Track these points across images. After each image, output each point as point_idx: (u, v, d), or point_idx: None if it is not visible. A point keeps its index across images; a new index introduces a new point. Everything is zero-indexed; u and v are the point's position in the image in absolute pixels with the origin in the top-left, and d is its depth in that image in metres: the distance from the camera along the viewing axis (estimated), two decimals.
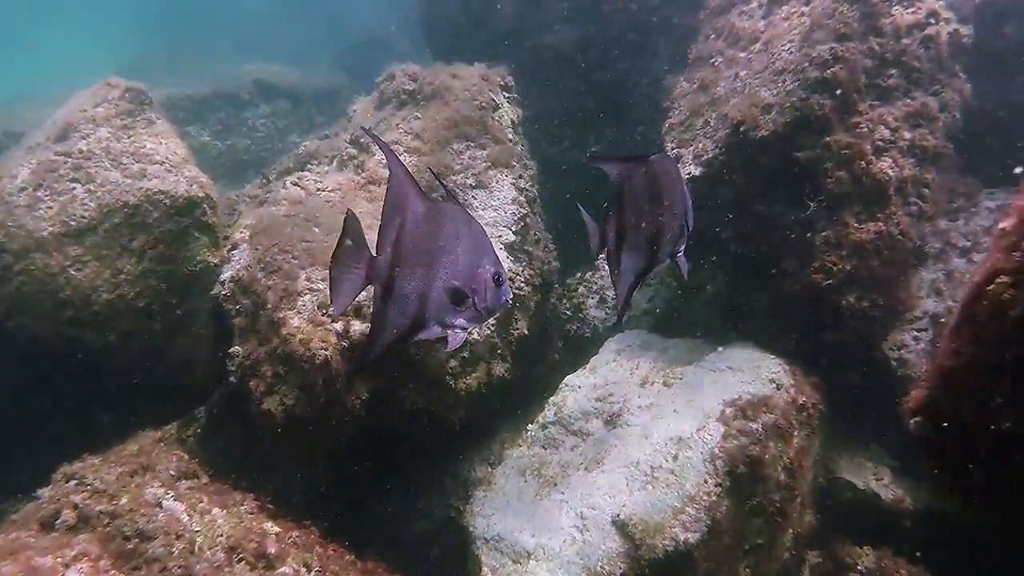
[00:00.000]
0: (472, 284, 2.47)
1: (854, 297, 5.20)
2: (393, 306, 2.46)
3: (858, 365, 5.52)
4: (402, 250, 2.43)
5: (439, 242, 2.45)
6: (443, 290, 2.45)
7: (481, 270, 2.46)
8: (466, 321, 2.51)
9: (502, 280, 2.50)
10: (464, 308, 2.46)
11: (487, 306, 2.48)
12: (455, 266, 2.44)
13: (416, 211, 2.45)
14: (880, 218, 5.15)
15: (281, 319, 4.75)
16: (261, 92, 11.12)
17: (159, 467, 4.32)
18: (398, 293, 2.45)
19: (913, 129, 5.34)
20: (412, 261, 2.43)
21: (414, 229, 2.43)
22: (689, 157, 5.69)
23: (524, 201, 6.13)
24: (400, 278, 2.44)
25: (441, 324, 2.52)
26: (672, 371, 5.45)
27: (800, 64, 5.19)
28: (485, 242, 2.52)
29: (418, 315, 2.45)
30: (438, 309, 2.45)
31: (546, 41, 8.49)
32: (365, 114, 6.83)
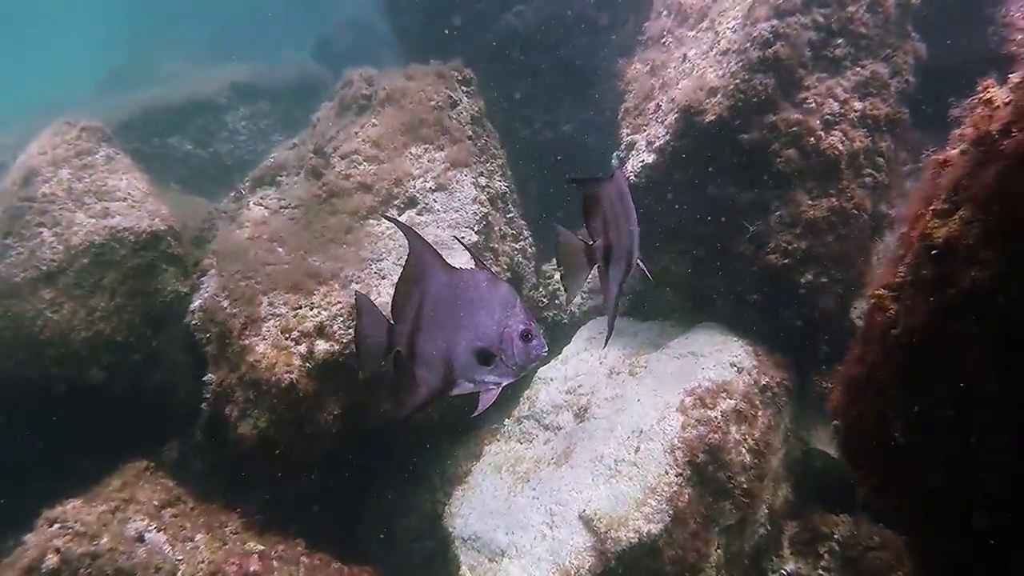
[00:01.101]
0: (499, 344, 2.52)
1: (812, 274, 5.21)
2: (421, 368, 2.56)
3: (824, 337, 5.55)
4: (423, 318, 2.53)
5: (462, 308, 2.53)
6: (468, 352, 2.52)
7: (507, 329, 2.51)
8: (498, 376, 2.57)
9: (532, 335, 2.53)
10: (493, 366, 2.53)
11: (517, 362, 2.54)
12: (478, 328, 2.50)
13: (438, 282, 2.54)
14: (833, 193, 5.13)
15: (247, 346, 4.91)
16: (239, 94, 11.15)
17: (143, 498, 4.54)
18: (421, 357, 2.55)
19: (864, 99, 5.27)
20: (434, 327, 2.52)
21: (435, 299, 2.53)
22: (643, 144, 5.68)
23: (485, 199, 6.18)
24: (422, 343, 2.54)
25: (471, 381, 2.58)
26: (638, 360, 5.54)
27: (742, 44, 5.13)
28: (511, 300, 2.56)
29: (447, 375, 2.54)
30: (465, 369, 2.52)
31: (509, 22, 8.42)
32: (327, 121, 6.88)
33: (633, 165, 5.62)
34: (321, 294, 5.12)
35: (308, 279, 5.13)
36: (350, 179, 6.10)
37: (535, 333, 2.56)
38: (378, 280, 5.61)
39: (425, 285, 2.54)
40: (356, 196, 6.04)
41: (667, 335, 5.88)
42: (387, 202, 6.06)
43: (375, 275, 5.65)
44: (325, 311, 5.06)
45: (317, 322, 5.00)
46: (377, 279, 5.62)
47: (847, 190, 5.13)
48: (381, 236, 5.94)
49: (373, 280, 5.60)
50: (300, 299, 5.06)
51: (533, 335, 2.54)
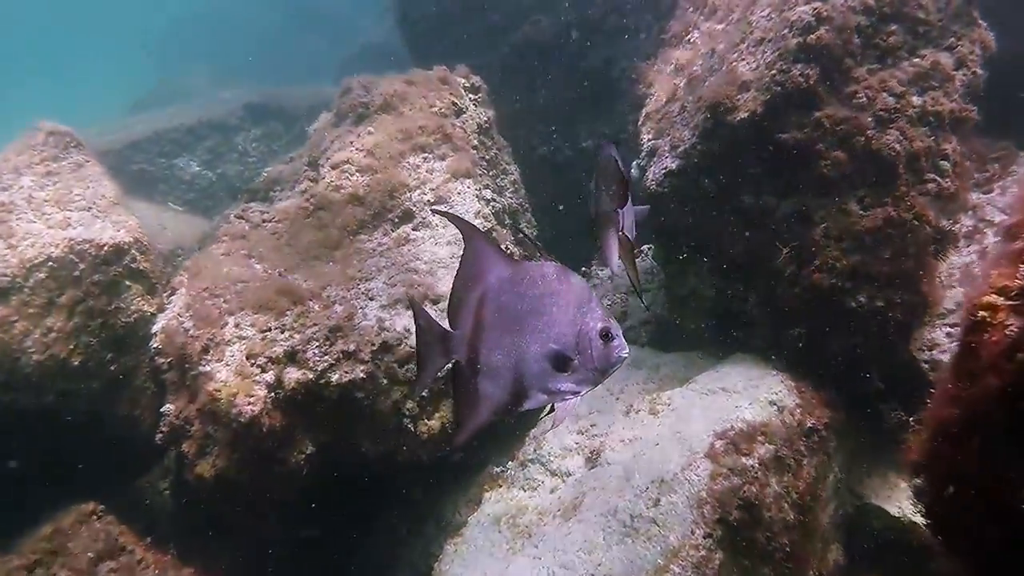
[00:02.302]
0: (576, 346, 2.23)
1: (865, 296, 4.44)
2: (485, 379, 2.28)
3: (879, 371, 4.75)
4: (485, 320, 2.27)
5: (529, 305, 2.25)
6: (541, 356, 2.23)
7: (584, 328, 2.22)
8: (575, 384, 2.28)
9: (612, 335, 2.26)
10: (570, 372, 2.24)
11: (597, 366, 2.25)
12: (551, 329, 2.23)
13: (500, 277, 2.28)
14: (889, 202, 4.37)
15: (206, 373, 4.29)
16: (252, 115, 10.79)
17: (77, 549, 3.90)
18: (484, 366, 2.27)
19: (923, 93, 4.53)
20: (498, 330, 2.26)
21: (498, 296, 2.27)
22: (666, 148, 5.00)
23: (490, 214, 5.54)
24: (486, 350, 2.27)
25: (545, 392, 2.29)
26: (660, 396, 4.78)
27: (779, 31, 4.45)
28: (587, 295, 2.28)
29: (516, 387, 2.26)
30: (539, 377, 2.25)
31: (525, 33, 7.88)
32: (322, 132, 6.34)
33: (655, 173, 4.93)
34: (295, 315, 4.49)
35: (280, 297, 4.52)
36: (340, 191, 5.51)
37: (616, 332, 2.26)
38: (365, 302, 4.98)
39: (486, 282, 2.26)
40: (346, 209, 5.45)
41: (694, 368, 5.12)
42: (380, 216, 5.46)
43: (362, 296, 5.01)
44: (298, 334, 4.43)
45: (288, 347, 4.37)
46: (364, 300, 4.99)
47: (906, 198, 4.37)
48: (372, 253, 5.32)
49: (360, 301, 4.97)
50: (270, 320, 4.44)
51: (613, 334, 2.25)
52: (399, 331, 4.78)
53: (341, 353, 4.48)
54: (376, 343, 4.62)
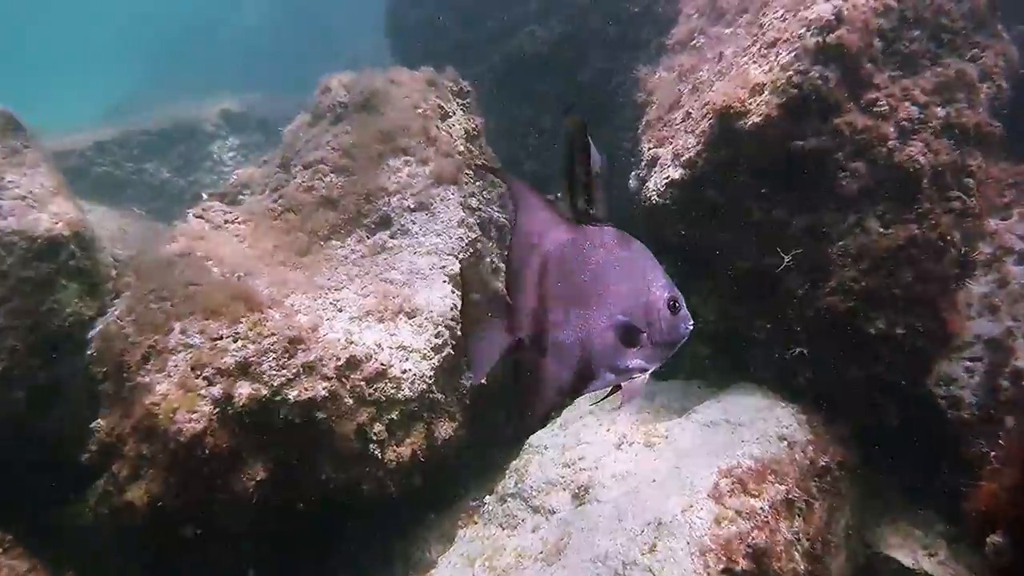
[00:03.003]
0: (644, 316, 2.04)
1: (884, 322, 4.03)
2: (552, 359, 2.06)
3: (896, 406, 4.33)
4: (549, 291, 2.06)
5: (592, 274, 2.05)
6: (608, 331, 2.03)
7: (651, 297, 2.04)
8: (644, 361, 2.08)
9: (679, 305, 2.08)
10: (638, 347, 2.05)
11: (665, 339, 2.06)
12: (617, 299, 2.04)
13: (559, 242, 2.06)
14: (912, 219, 3.99)
15: (144, 385, 3.77)
16: (229, 123, 10.35)
17: None
18: (553, 344, 2.05)
19: (947, 104, 4.18)
20: (564, 302, 2.06)
21: (560, 264, 2.06)
22: (668, 157, 4.61)
23: (474, 224, 5.10)
24: (553, 326, 2.05)
25: (613, 371, 2.08)
26: (656, 427, 4.31)
27: (796, 31, 4.10)
28: (649, 263, 2.08)
29: (583, 365, 2.05)
30: (606, 354, 2.05)
31: (519, 44, 7.54)
32: (297, 132, 5.91)
33: (656, 183, 4.53)
34: (251, 322, 4.00)
35: (235, 303, 4.03)
36: (312, 192, 5.07)
37: (682, 301, 2.07)
38: (333, 313, 4.50)
39: (545, 249, 2.05)
40: (318, 212, 5.00)
41: (692, 397, 4.67)
42: (354, 220, 5.01)
43: (330, 306, 4.54)
44: (253, 344, 3.92)
45: (241, 358, 3.86)
46: (332, 311, 4.51)
47: (930, 215, 3.99)
48: (344, 261, 4.86)
49: (327, 312, 4.49)
50: (222, 327, 3.93)
51: (680, 304, 2.06)
52: (369, 346, 4.30)
53: (301, 367, 3.98)
54: (342, 358, 4.13)
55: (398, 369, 4.31)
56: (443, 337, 4.53)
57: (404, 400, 4.32)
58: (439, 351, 4.51)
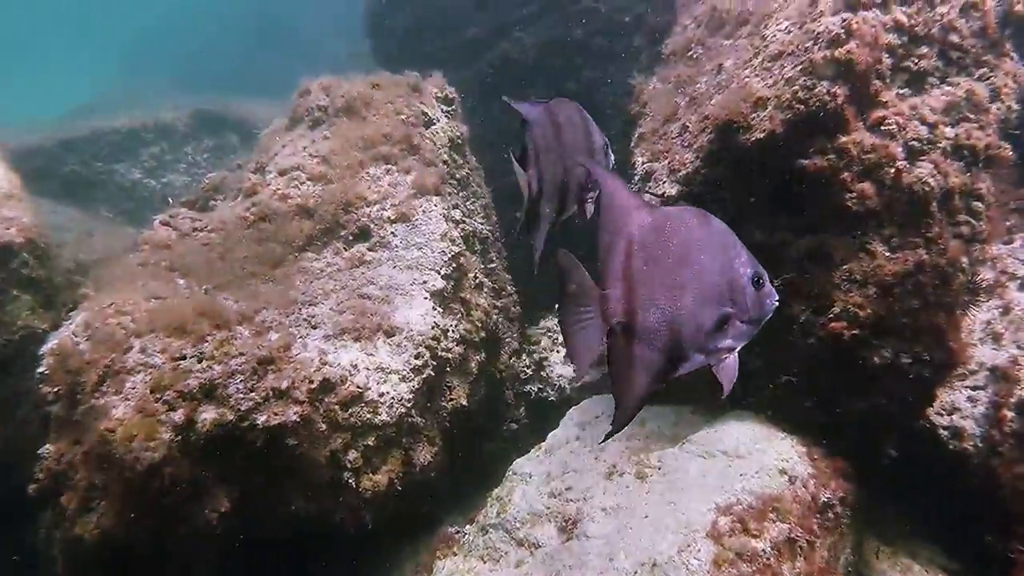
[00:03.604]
0: (730, 295, 2.04)
1: (889, 351, 3.84)
2: (641, 344, 2.06)
3: (897, 436, 4.15)
4: (635, 276, 2.06)
5: (676, 255, 2.05)
6: (697, 312, 2.03)
7: (736, 275, 2.04)
8: (733, 340, 2.08)
9: (763, 281, 2.07)
10: (727, 326, 2.06)
11: (752, 316, 2.07)
12: (702, 279, 2.04)
13: (643, 225, 2.08)
14: (920, 243, 3.81)
15: (99, 408, 3.47)
16: (204, 124, 10.01)
17: None
18: (642, 328, 2.05)
19: (957, 124, 4.02)
20: (651, 286, 2.06)
21: (644, 248, 2.07)
22: (663, 172, 4.40)
23: (458, 237, 4.86)
24: (641, 310, 2.05)
25: (703, 352, 2.07)
26: (648, 456, 4.08)
27: (803, 43, 3.91)
28: (731, 239, 2.08)
29: (673, 348, 2.05)
30: (695, 335, 2.05)
31: (506, 50, 7.31)
32: (273, 136, 5.62)
33: (650, 199, 4.31)
34: (217, 341, 3.71)
35: (201, 319, 3.73)
36: (287, 200, 4.79)
37: (766, 277, 2.08)
38: (307, 330, 4.23)
39: (629, 233, 2.06)
40: (293, 222, 4.72)
41: (685, 424, 4.44)
42: (331, 231, 4.74)
43: (304, 323, 4.27)
44: (219, 365, 3.63)
45: (205, 379, 3.57)
46: (305, 328, 4.24)
47: (939, 240, 3.81)
48: (319, 274, 4.59)
49: (300, 329, 4.22)
50: (185, 346, 3.64)
51: (764, 279, 2.07)
52: (344, 367, 4.02)
53: (271, 390, 3.70)
54: (315, 380, 3.86)
55: (375, 392, 4.04)
56: (423, 358, 4.28)
57: (381, 425, 4.05)
58: (419, 372, 4.25)
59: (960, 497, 4.29)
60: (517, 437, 5.60)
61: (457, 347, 4.52)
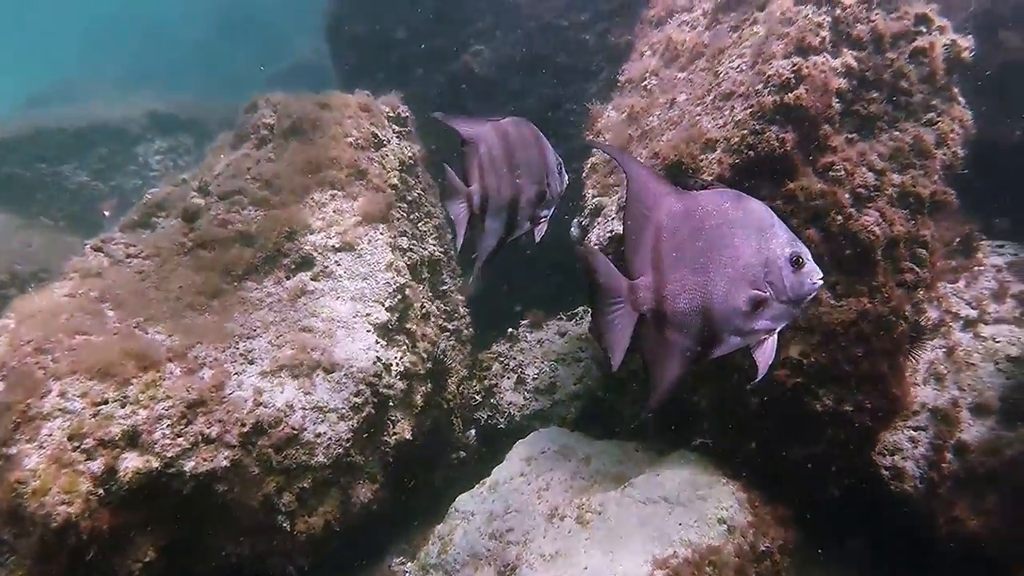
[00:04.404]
0: (765, 276, 2.01)
1: (832, 399, 3.83)
2: (672, 329, 2.07)
3: (839, 479, 4.15)
4: (664, 262, 2.06)
5: (708, 239, 2.03)
6: (729, 295, 2.02)
7: (771, 256, 2.01)
8: (770, 321, 2.06)
9: (803, 260, 2.03)
10: (763, 308, 2.03)
11: (790, 297, 2.04)
12: (736, 261, 2.02)
13: (672, 211, 2.07)
14: (865, 292, 3.80)
15: (11, 458, 3.30)
16: (158, 125, 9.71)
17: None
18: (672, 314, 2.06)
19: (904, 171, 4.01)
20: (681, 271, 2.05)
21: (673, 234, 2.06)
22: (613, 208, 4.33)
23: (404, 267, 4.74)
24: (672, 296, 2.05)
25: (738, 334, 2.07)
26: (590, 500, 4.03)
27: (752, 86, 3.86)
28: (768, 219, 2.05)
29: (706, 333, 2.05)
30: (729, 317, 2.04)
31: (465, 64, 7.18)
32: (218, 153, 5.44)
33: (599, 235, 4.25)
34: (143, 383, 3.56)
35: (127, 360, 3.58)
36: (228, 226, 4.63)
37: (807, 256, 2.05)
38: (243, 366, 4.08)
39: (657, 220, 2.07)
40: (233, 249, 4.56)
41: (630, 462, 4.40)
42: (273, 260, 4.59)
43: (240, 358, 4.12)
44: (144, 410, 3.49)
45: (129, 425, 3.42)
46: (241, 364, 4.09)
47: (883, 288, 3.80)
48: (259, 304, 4.44)
49: (236, 364, 4.07)
50: (108, 390, 3.48)
51: (804, 259, 2.05)
52: (279, 407, 3.90)
53: (200, 436, 3.57)
54: (248, 423, 3.73)
55: (311, 433, 3.92)
56: (363, 395, 4.16)
57: (317, 467, 3.93)
58: (358, 411, 4.14)
59: (901, 538, 4.31)
60: (467, 464, 5.52)
61: (400, 382, 4.42)
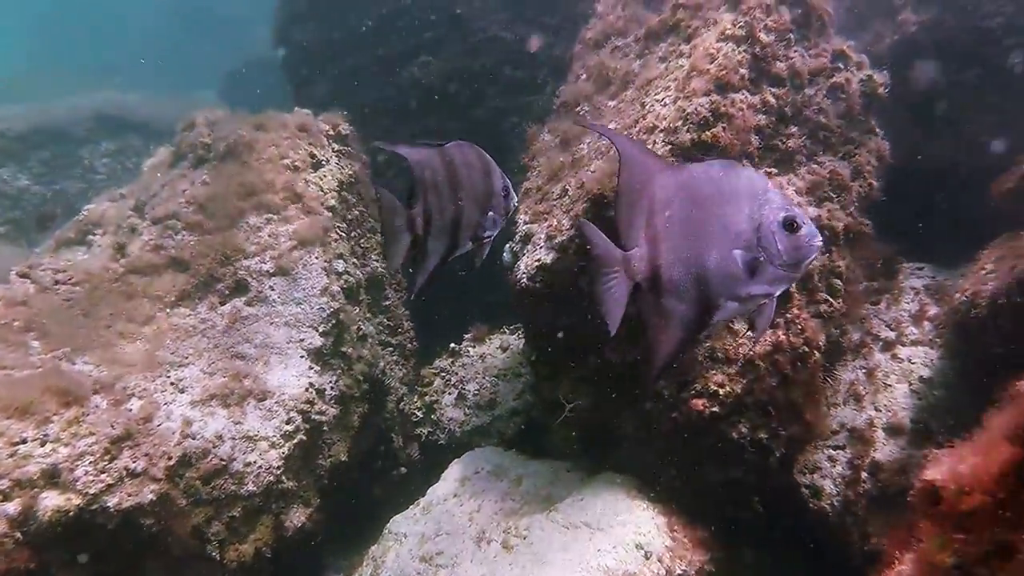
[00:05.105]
0: (758, 242, 2.06)
1: (747, 427, 3.97)
2: (670, 298, 2.14)
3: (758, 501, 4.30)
4: (658, 234, 2.13)
5: (702, 209, 2.10)
6: (724, 262, 2.07)
7: (764, 221, 2.06)
8: (768, 286, 2.10)
9: (799, 223, 2.06)
10: (760, 273, 2.07)
11: (786, 260, 2.07)
12: (729, 229, 2.07)
13: (665, 184, 2.14)
14: (779, 324, 3.93)
15: None
16: (104, 127, 9.55)
17: None
18: (668, 283, 2.13)
19: (820, 204, 4.15)
20: (675, 241, 2.11)
21: (667, 205, 2.13)
22: (542, 237, 4.41)
23: (339, 291, 4.78)
24: (666, 266, 2.12)
25: (736, 299, 2.12)
26: (518, 524, 4.13)
27: (673, 123, 3.95)
28: (760, 186, 2.10)
29: (702, 300, 2.10)
30: (724, 284, 2.09)
31: (413, 75, 7.19)
32: (155, 171, 5.41)
33: (527, 265, 4.33)
34: (64, 421, 3.57)
35: (49, 397, 3.58)
36: (160, 252, 4.62)
37: (802, 219, 2.08)
38: (173, 395, 4.11)
39: (651, 194, 2.15)
40: (165, 275, 4.56)
41: (560, 483, 4.52)
42: (207, 285, 4.60)
43: (170, 387, 4.14)
44: (66, 448, 3.50)
45: (49, 464, 3.43)
46: (172, 393, 4.12)
47: (797, 321, 3.94)
48: (192, 331, 4.45)
49: (165, 394, 4.10)
50: (27, 429, 3.49)
51: (800, 222, 2.07)
52: (208, 438, 3.93)
53: (125, 471, 3.59)
54: (174, 456, 3.76)
55: (240, 463, 3.97)
56: (295, 423, 4.22)
57: (247, 495, 3.98)
58: (290, 438, 4.19)
59: (821, 555, 4.49)
60: (408, 480, 5.60)
61: (333, 407, 4.47)
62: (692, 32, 4.45)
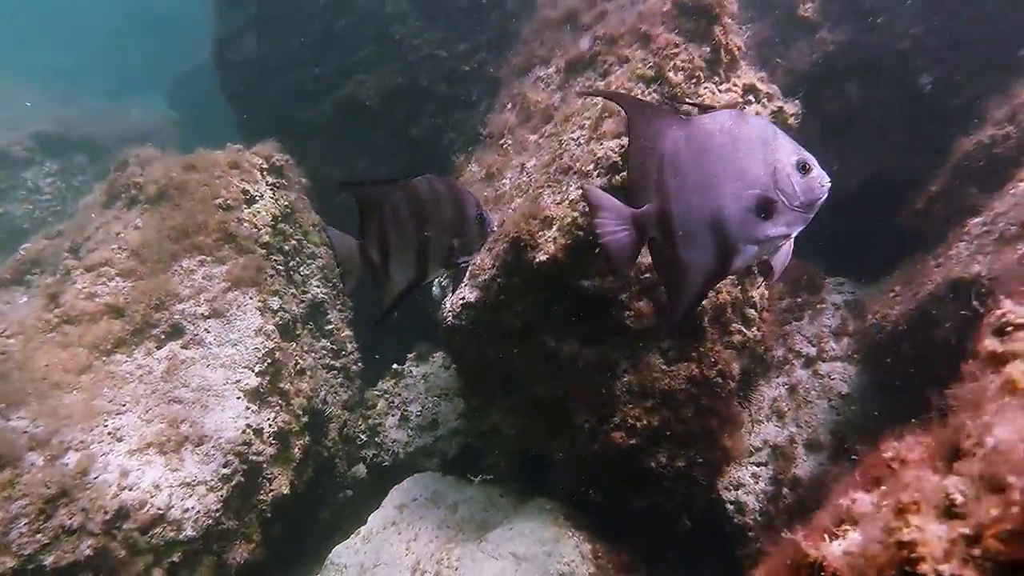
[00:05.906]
0: (774, 184, 2.09)
1: (666, 456, 4.17)
2: (685, 247, 2.15)
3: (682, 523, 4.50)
4: (669, 187, 2.14)
5: (714, 158, 2.12)
6: (740, 207, 2.09)
7: (778, 164, 2.09)
8: (785, 227, 2.13)
9: (810, 165, 2.11)
10: (778, 215, 2.10)
11: (802, 201, 2.11)
12: (744, 174, 2.10)
13: (675, 138, 2.14)
14: (694, 358, 4.11)
15: None
16: (46, 147, 9.44)
17: None
18: (682, 233, 2.14)
19: None
20: (686, 193, 2.13)
21: (676, 159, 2.14)
22: (467, 275, 4.54)
23: (274, 330, 4.88)
24: (679, 217, 2.13)
25: (754, 242, 2.13)
26: (451, 555, 4.31)
27: (584, 165, 4.09)
28: (771, 132, 2.13)
29: (721, 244, 2.11)
30: (742, 227, 2.11)
31: (350, 93, 7.22)
32: (90, 212, 5.43)
33: (452, 303, 4.46)
34: None
35: None
36: (95, 299, 4.68)
37: (813, 162, 2.13)
38: (110, 445, 4.20)
39: (661, 148, 2.15)
40: (101, 323, 4.63)
41: (494, 509, 4.70)
42: (142, 331, 4.67)
43: (107, 437, 4.24)
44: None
45: None
46: (109, 443, 4.21)
47: (711, 353, 4.12)
48: (129, 378, 4.54)
49: (103, 444, 4.19)
50: None
51: (811, 165, 2.12)
52: (145, 489, 4.04)
53: (61, 528, 3.70)
54: (111, 509, 3.87)
55: (178, 510, 4.09)
56: (232, 465, 4.34)
57: (186, 541, 4.11)
58: (228, 480, 4.32)
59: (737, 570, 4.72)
60: (354, 502, 5.75)
61: (271, 446, 4.59)
62: (608, 68, 4.57)
